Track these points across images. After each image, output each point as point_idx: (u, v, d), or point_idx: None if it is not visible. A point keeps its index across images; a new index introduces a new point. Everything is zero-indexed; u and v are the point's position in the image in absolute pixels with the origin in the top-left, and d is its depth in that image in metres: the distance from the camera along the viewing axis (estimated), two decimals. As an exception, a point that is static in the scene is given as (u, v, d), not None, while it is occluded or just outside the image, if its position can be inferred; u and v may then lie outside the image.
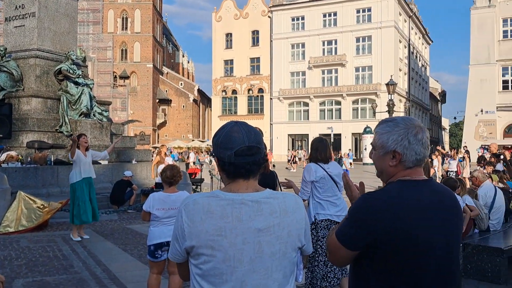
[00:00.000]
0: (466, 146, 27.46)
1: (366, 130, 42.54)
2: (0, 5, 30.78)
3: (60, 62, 14.15)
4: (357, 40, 50.97)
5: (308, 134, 51.94)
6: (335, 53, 51.70)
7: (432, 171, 16.12)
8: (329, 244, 1.80)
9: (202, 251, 1.60)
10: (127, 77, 69.50)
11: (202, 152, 41.16)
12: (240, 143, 1.63)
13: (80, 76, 14.22)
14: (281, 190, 5.73)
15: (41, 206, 8.99)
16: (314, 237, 4.39)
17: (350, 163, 39.84)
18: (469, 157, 16.88)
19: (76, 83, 13.98)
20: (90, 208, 8.03)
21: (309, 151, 4.72)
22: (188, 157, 35.49)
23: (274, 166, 31.46)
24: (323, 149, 4.53)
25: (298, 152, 43.47)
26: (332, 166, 4.53)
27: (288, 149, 47.72)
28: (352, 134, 49.39)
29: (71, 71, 13.95)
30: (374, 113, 34.75)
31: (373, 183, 15.42)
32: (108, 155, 9.08)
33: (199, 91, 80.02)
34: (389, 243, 1.64)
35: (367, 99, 49.28)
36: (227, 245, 1.58)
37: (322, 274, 4.40)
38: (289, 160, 40.40)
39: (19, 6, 14.52)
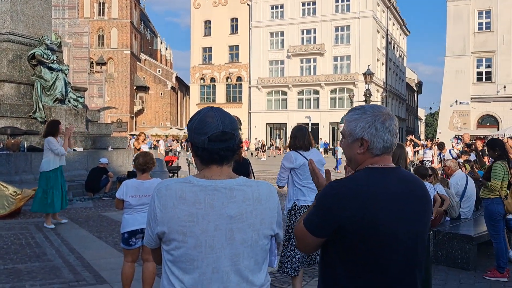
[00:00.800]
0: (438, 139, 28.05)
1: (343, 119, 42.90)
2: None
3: (34, 47, 13.82)
4: (336, 29, 51.17)
5: (286, 123, 52.17)
6: (314, 42, 51.82)
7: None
8: (296, 231, 1.80)
9: (174, 237, 1.59)
10: (104, 64, 68.29)
11: (174, 141, 40.83)
12: (214, 128, 1.62)
13: (55, 62, 13.93)
14: (254, 178, 5.76)
15: (14, 193, 8.84)
16: (294, 223, 4.42)
17: (325, 150, 40.21)
18: (438, 147, 17.21)
19: (51, 69, 13.69)
20: (60, 196, 7.98)
21: (289, 139, 4.74)
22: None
23: (252, 154, 31.57)
24: (302, 137, 4.54)
25: (276, 141, 43.59)
26: (312, 153, 4.55)
27: (256, 138, 47.73)
28: (330, 123, 49.77)
29: (45, 56, 13.64)
30: (352, 102, 35.04)
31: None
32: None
33: (177, 78, 79.24)
34: (355, 231, 1.64)
35: (345, 89, 49.64)
36: (199, 232, 1.57)
37: (298, 260, 4.46)
38: (257, 149, 40.41)
39: (-9, -12, 14.09)
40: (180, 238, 1.58)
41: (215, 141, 1.62)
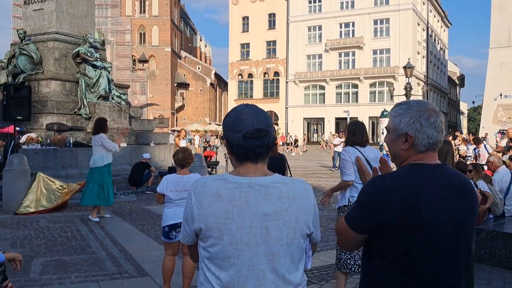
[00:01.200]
0: (487, 133, 27.00)
1: (384, 114, 42.00)
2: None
3: (78, 45, 14.30)
4: (375, 22, 50.27)
5: (323, 118, 51.75)
6: (352, 35, 51.09)
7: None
8: (338, 227, 1.80)
9: (210, 234, 1.60)
10: (146, 61, 69.70)
11: (213, 136, 41.12)
12: (249, 125, 1.62)
13: (98, 59, 14.36)
14: (290, 174, 5.73)
15: (60, 187, 9.21)
16: None
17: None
18: (474, 142, 16.45)
19: (94, 66, 14.12)
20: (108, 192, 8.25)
21: (346, 135, 4.66)
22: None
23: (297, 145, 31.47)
24: (360, 132, 4.48)
25: (331, 136, 42.78)
26: (368, 150, 4.49)
27: (288, 133, 47.32)
28: (369, 117, 48.96)
29: (88, 54, 14.09)
30: (392, 96, 34.36)
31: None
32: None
33: (216, 75, 79.95)
34: (397, 227, 1.62)
35: (385, 82, 48.72)
36: (234, 229, 1.58)
37: (349, 257, 4.43)
38: (288, 144, 39.30)
39: (38, -11, 14.65)
40: (217, 235, 1.59)
41: (250, 138, 1.62)
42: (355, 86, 50.81)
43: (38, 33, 14.50)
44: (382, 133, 42.27)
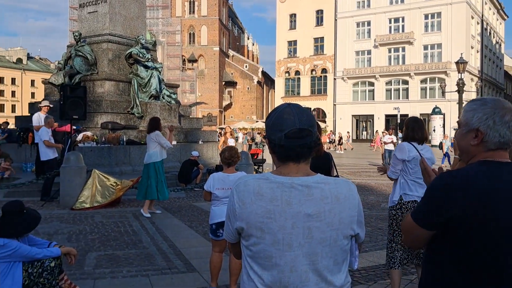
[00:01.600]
0: None
1: (435, 111, 40.83)
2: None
3: (130, 46, 14.77)
4: (426, 17, 48.83)
5: (373, 115, 50.81)
6: (402, 30, 49.92)
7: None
8: (404, 225, 1.79)
9: (252, 233, 1.60)
10: (195, 61, 71.01)
11: (259, 134, 41.24)
12: (291, 125, 1.61)
13: (149, 60, 14.77)
14: (336, 172, 5.64)
15: (114, 184, 9.55)
16: (399, 217, 4.31)
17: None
18: None
19: (146, 67, 14.54)
20: (161, 187, 8.49)
21: (404, 130, 4.56)
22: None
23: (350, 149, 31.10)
24: (419, 129, 4.40)
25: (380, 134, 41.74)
26: (425, 149, 4.40)
27: (331, 131, 46.47)
28: (420, 114, 47.53)
29: (140, 55, 14.52)
30: (443, 92, 33.24)
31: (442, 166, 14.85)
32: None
33: (263, 73, 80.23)
34: (465, 222, 1.60)
35: (436, 78, 47.25)
36: (276, 228, 1.57)
37: (405, 257, 4.36)
38: (332, 142, 38.23)
39: (92, -7, 15.24)
40: (259, 234, 1.59)
41: (292, 138, 1.60)
42: (405, 82, 49.54)
43: (93, 35, 15.09)
44: (434, 130, 41.17)
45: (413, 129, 4.41)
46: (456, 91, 21.29)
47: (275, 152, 1.66)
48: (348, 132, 44.33)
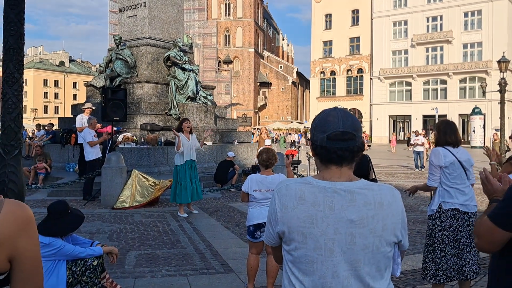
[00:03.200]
0: None
1: (475, 111, 39.68)
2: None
3: (168, 49, 15.05)
4: (465, 15, 47.57)
5: (410, 115, 49.90)
6: (441, 29, 48.82)
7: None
8: (479, 227, 1.79)
9: (293, 237, 1.59)
10: (230, 62, 71.60)
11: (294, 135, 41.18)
12: (335, 127, 1.60)
13: (187, 62, 15.01)
14: (374, 175, 5.57)
15: (153, 184, 9.78)
16: (438, 227, 4.15)
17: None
18: None
19: (183, 69, 14.79)
20: (190, 188, 8.55)
21: (436, 134, 4.41)
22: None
23: (369, 147, 30.67)
24: (452, 132, 4.22)
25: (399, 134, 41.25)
26: (461, 151, 4.22)
27: (364, 131, 45.59)
28: (459, 115, 46.35)
29: (178, 57, 14.78)
30: (484, 92, 32.25)
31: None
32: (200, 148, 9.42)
33: (298, 73, 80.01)
34: None
35: (476, 78, 45.92)
36: (318, 234, 1.56)
37: (451, 266, 4.15)
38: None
39: (132, -3, 15.62)
40: (300, 239, 1.58)
41: (334, 140, 1.59)
42: (444, 82, 48.37)
43: (132, 39, 15.46)
44: (473, 131, 39.98)
45: (446, 133, 4.23)
46: (497, 90, 20.63)
47: (317, 153, 1.65)
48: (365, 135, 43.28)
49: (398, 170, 19.22)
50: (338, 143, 1.59)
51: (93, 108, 12.00)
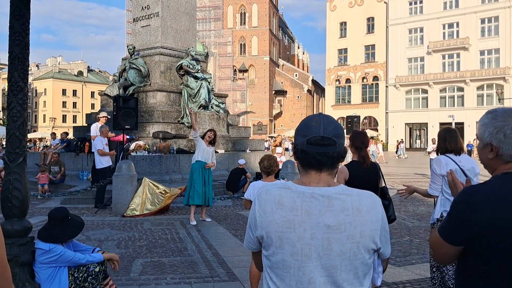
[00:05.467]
0: None
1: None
2: (130, 6, 33.66)
3: (181, 58, 15.20)
4: (482, 21, 47.12)
5: (427, 123, 49.43)
6: (457, 36, 48.42)
7: None
8: (432, 240, 1.79)
9: (271, 242, 1.59)
10: (246, 71, 71.85)
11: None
12: (315, 132, 1.61)
13: (199, 71, 15.13)
14: (384, 183, 5.51)
15: (163, 192, 9.82)
16: None
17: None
18: None
19: (196, 78, 14.90)
20: (202, 192, 8.53)
21: (437, 142, 4.38)
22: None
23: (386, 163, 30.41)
24: (453, 139, 4.19)
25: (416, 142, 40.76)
26: (464, 159, 4.17)
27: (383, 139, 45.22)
28: (476, 122, 45.46)
29: (191, 66, 14.91)
30: (500, 99, 31.77)
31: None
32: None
33: (313, 81, 79.92)
34: (493, 234, 1.59)
35: (494, 85, 45.37)
36: (295, 239, 1.55)
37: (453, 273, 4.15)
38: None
39: (145, 7, 15.84)
40: (278, 244, 1.58)
41: (313, 145, 1.60)
42: (461, 89, 47.84)
43: (146, 48, 15.66)
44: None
45: (445, 140, 4.20)
46: (515, 97, 20.33)
47: (298, 157, 1.66)
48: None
49: (413, 178, 19.00)
50: (317, 148, 1.60)
51: (108, 117, 12.13)
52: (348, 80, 57.06)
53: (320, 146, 1.60)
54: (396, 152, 38.35)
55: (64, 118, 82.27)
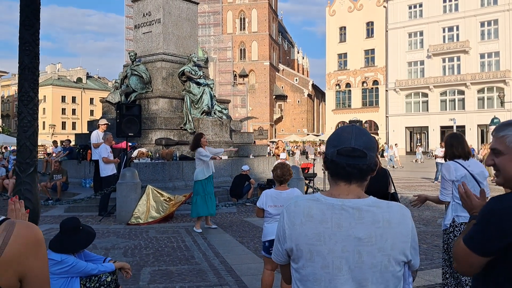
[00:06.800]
0: None
1: (494, 121, 39.08)
2: (131, 13, 33.75)
3: (183, 64, 15.19)
4: (482, 24, 47.18)
5: (427, 127, 49.44)
6: (457, 39, 48.43)
7: None
8: (456, 252, 1.75)
9: (301, 255, 1.59)
10: (246, 76, 71.98)
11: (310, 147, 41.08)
12: (346, 143, 1.59)
13: (201, 77, 15.12)
14: (394, 189, 5.48)
15: (168, 199, 9.77)
16: (453, 241, 4.09)
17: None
18: None
19: (198, 84, 14.89)
20: (204, 201, 8.50)
21: (444, 149, 4.36)
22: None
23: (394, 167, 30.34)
24: (459, 144, 4.18)
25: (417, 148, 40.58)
26: (473, 164, 4.16)
27: (392, 143, 44.98)
28: (478, 125, 45.74)
29: (193, 72, 14.90)
30: (502, 102, 31.77)
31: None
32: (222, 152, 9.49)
33: (313, 86, 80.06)
34: None
35: (494, 88, 45.38)
36: (326, 252, 1.54)
37: (470, 280, 4.12)
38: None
39: (146, 14, 15.85)
40: (308, 257, 1.57)
41: (343, 155, 1.59)
42: (461, 92, 47.86)
43: (147, 54, 15.66)
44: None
45: (452, 145, 4.19)
46: (516, 101, 20.35)
47: (328, 167, 1.65)
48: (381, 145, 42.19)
49: (420, 182, 18.98)
50: (347, 159, 1.59)
51: (108, 124, 12.11)
52: (348, 85, 57.13)
53: (350, 157, 1.59)
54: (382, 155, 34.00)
55: (63, 125, 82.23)
